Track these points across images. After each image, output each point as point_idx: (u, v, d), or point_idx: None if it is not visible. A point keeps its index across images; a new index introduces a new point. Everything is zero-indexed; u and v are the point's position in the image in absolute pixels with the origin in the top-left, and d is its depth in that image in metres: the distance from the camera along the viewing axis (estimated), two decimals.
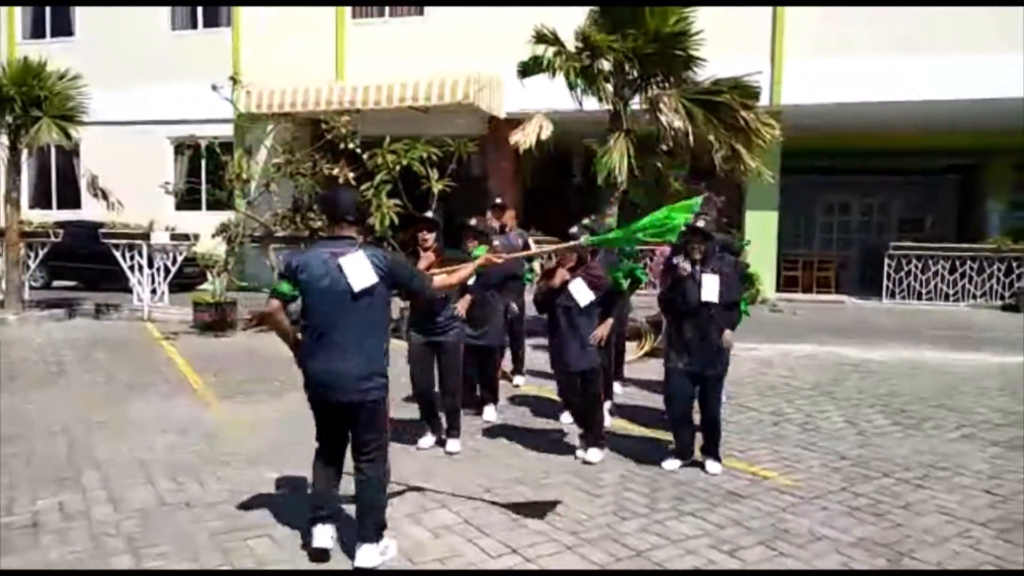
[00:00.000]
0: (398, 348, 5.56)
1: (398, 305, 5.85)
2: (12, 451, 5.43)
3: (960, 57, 12.86)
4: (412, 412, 5.94)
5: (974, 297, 14.63)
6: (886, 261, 15.10)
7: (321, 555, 3.79)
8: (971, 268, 14.64)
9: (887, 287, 15.09)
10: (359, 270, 3.64)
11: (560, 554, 3.90)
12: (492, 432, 6.10)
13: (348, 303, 3.64)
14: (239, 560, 3.79)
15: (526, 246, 7.68)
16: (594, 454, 5.45)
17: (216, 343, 10.09)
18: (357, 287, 3.63)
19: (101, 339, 10.29)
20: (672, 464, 5.33)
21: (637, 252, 7.73)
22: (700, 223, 5.33)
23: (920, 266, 14.90)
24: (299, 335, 3.77)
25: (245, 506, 4.44)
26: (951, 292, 14.76)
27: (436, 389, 5.71)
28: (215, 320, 10.82)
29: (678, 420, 5.42)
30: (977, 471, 5.24)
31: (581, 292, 5.34)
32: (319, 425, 3.89)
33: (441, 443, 5.67)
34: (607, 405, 6.46)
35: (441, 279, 4.11)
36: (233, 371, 8.25)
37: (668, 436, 5.73)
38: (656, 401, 6.64)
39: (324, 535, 3.83)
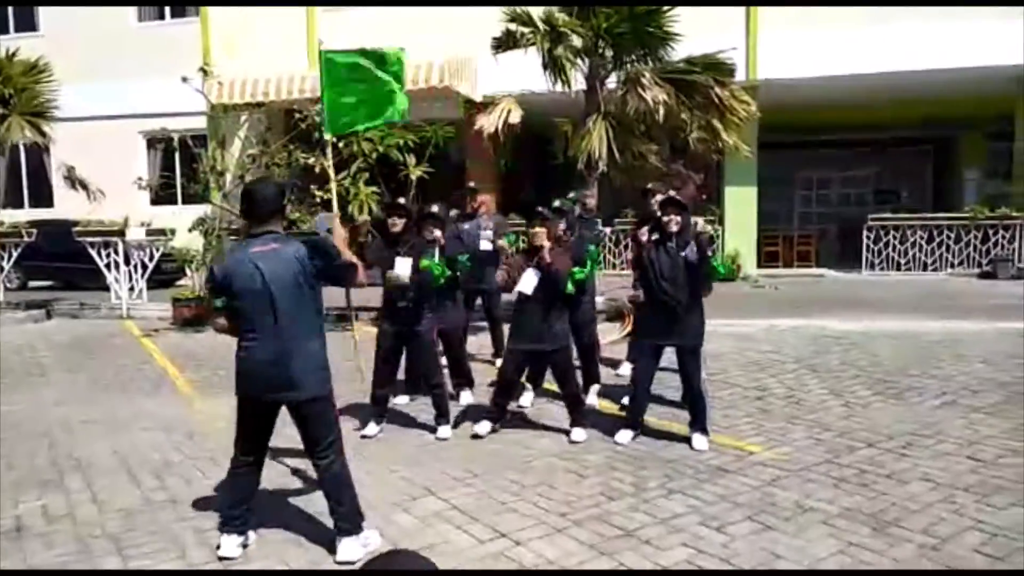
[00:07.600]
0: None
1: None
2: None
3: (934, 27, 12.91)
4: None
5: (952, 266, 14.76)
6: (864, 233, 15.20)
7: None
8: (948, 237, 14.77)
9: (866, 259, 15.18)
10: (279, 266, 3.58)
11: (549, 536, 3.91)
12: (469, 416, 5.99)
13: (277, 301, 3.57)
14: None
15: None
16: (577, 433, 5.47)
17: (197, 338, 9.99)
18: (280, 284, 3.57)
19: (80, 338, 10.16)
20: (625, 436, 5.34)
21: (599, 234, 7.66)
22: (669, 193, 5.35)
23: (898, 237, 15.00)
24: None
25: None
26: (929, 261, 14.88)
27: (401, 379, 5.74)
28: (195, 316, 10.71)
29: (640, 393, 5.44)
30: (958, 437, 5.30)
31: (526, 282, 5.33)
32: (243, 425, 3.80)
33: (433, 429, 5.66)
34: (595, 388, 6.47)
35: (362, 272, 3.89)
36: (214, 367, 8.17)
37: (654, 417, 5.76)
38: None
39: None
